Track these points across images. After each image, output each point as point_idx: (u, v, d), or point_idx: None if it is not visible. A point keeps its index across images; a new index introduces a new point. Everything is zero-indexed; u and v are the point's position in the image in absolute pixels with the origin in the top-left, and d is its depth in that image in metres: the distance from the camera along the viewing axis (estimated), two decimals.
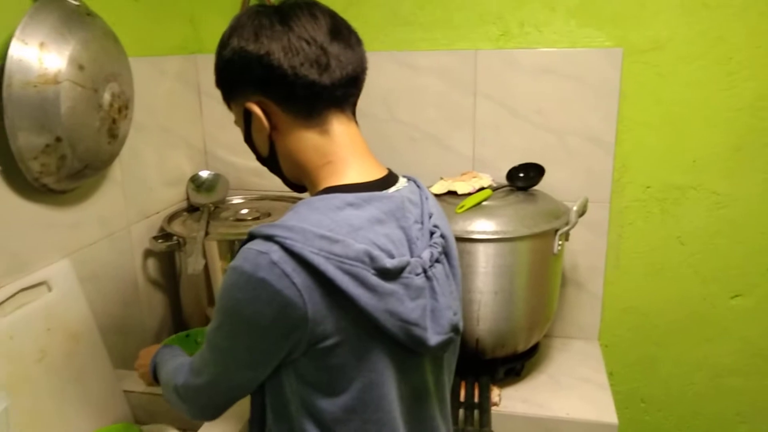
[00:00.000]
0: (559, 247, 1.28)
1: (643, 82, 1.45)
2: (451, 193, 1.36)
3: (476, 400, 1.32)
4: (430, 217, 0.83)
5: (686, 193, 1.50)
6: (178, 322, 1.60)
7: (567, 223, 1.27)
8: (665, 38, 1.42)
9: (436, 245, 0.80)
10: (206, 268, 1.41)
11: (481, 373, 1.37)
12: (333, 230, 0.70)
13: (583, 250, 1.58)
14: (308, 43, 0.74)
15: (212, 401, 0.82)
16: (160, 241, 1.43)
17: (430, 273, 0.77)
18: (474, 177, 1.39)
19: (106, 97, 1.14)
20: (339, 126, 0.79)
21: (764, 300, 1.52)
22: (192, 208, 1.62)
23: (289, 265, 0.67)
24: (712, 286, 1.55)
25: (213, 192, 1.65)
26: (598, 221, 1.54)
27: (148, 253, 1.49)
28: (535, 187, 1.43)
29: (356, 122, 0.83)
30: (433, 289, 0.77)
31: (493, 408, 1.33)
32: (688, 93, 1.43)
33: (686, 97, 1.44)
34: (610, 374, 1.66)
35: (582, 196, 1.36)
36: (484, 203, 1.30)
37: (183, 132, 1.64)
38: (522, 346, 1.36)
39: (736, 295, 1.54)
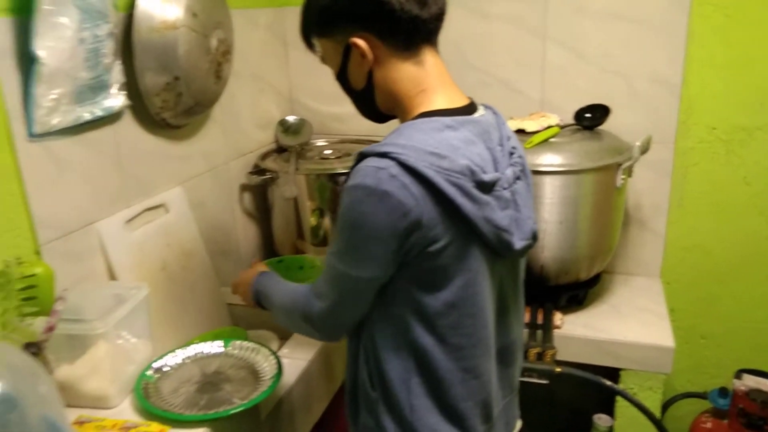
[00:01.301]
0: (622, 181, 1.37)
1: (711, 24, 1.49)
2: (521, 132, 1.46)
3: (540, 322, 1.43)
4: (508, 139, 0.93)
5: (753, 134, 1.54)
6: (269, 249, 1.78)
7: (630, 159, 1.35)
8: None
9: (516, 164, 0.91)
10: (295, 200, 1.58)
11: (545, 299, 1.49)
12: (438, 148, 0.80)
13: (647, 189, 1.64)
14: None
15: (344, 318, 0.91)
16: (254, 176, 1.60)
17: (513, 188, 0.89)
18: (542, 116, 1.48)
19: (214, 42, 1.30)
20: (431, 57, 0.89)
21: None
22: (280, 150, 1.78)
23: (406, 178, 0.78)
24: None
25: (299, 135, 1.80)
26: (663, 161, 1.61)
27: (243, 188, 1.67)
28: (601, 127, 1.51)
29: (439, 54, 0.93)
30: (515, 202, 0.88)
31: (555, 330, 1.44)
32: (756, 34, 1.46)
33: (754, 38, 1.47)
34: (671, 311, 1.73)
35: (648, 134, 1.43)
36: (552, 140, 1.40)
37: (271, 80, 1.80)
38: (584, 275, 1.47)
39: None
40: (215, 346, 1.15)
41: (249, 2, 1.64)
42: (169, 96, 1.23)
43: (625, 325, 1.46)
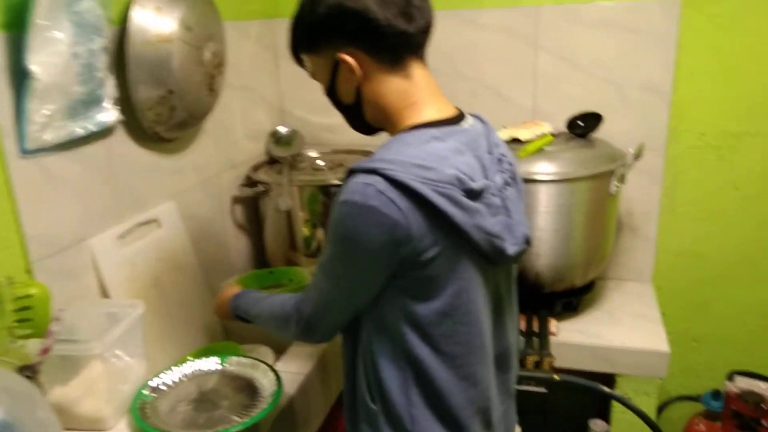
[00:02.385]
0: (616, 188, 1.37)
1: (701, 33, 1.50)
2: (515, 141, 1.46)
3: (536, 329, 1.44)
4: (497, 146, 0.94)
5: (742, 140, 1.56)
6: (261, 261, 1.77)
7: (624, 165, 1.36)
8: None
9: (505, 171, 0.92)
10: (288, 211, 1.57)
11: (540, 307, 1.49)
12: (425, 160, 0.81)
13: (639, 196, 1.66)
14: None
15: (333, 323, 0.93)
16: (246, 187, 1.59)
17: (504, 194, 0.89)
18: (535, 125, 1.49)
19: (207, 54, 1.29)
20: (419, 70, 0.90)
21: None
22: (271, 161, 1.77)
23: (393, 193, 0.78)
24: (766, 230, 1.61)
25: (290, 146, 1.79)
26: (654, 168, 1.62)
27: (235, 200, 1.66)
28: (594, 135, 1.52)
29: (427, 66, 0.94)
30: (507, 208, 0.89)
31: (551, 337, 1.45)
32: (745, 42, 1.48)
33: (744, 45, 1.48)
34: (663, 315, 1.74)
35: (639, 143, 1.44)
36: (546, 148, 1.40)
37: (263, 91, 1.79)
38: (579, 281, 1.47)
39: None
40: (212, 363, 1.13)
41: (240, 14, 1.63)
42: (162, 109, 1.22)
43: (620, 331, 1.47)
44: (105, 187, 1.19)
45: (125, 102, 1.18)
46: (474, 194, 0.83)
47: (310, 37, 0.91)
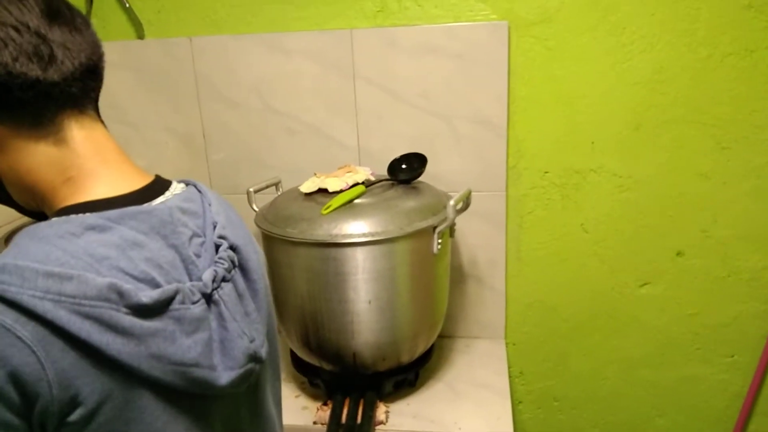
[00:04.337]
0: (440, 246, 1.15)
1: (533, 58, 1.32)
2: (323, 191, 1.21)
3: (359, 421, 1.18)
4: (215, 227, 0.68)
5: (587, 177, 1.39)
6: None
7: (445, 220, 1.13)
8: (553, 9, 1.29)
9: (222, 261, 0.66)
10: None
11: (367, 389, 1.24)
12: (65, 264, 0.54)
13: (482, 243, 1.45)
14: (18, 30, 0.57)
15: None
16: None
17: (214, 297, 0.63)
18: (349, 171, 1.24)
19: None
20: (80, 131, 0.63)
21: (673, 286, 1.43)
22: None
23: (9, 316, 0.51)
24: (619, 274, 1.45)
25: None
26: (495, 212, 1.42)
27: None
28: (421, 179, 1.30)
29: (102, 123, 0.67)
30: (220, 316, 0.64)
31: (379, 427, 1.20)
32: (580, 68, 1.31)
33: (579, 72, 1.32)
34: (520, 374, 1.56)
35: (469, 187, 1.23)
36: (357, 201, 1.16)
37: None
38: (407, 357, 1.23)
39: (645, 283, 1.44)
40: None
41: None
42: None
43: (461, 411, 1.24)
44: None
45: None
46: (148, 309, 0.56)
47: None
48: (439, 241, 1.14)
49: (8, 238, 1.30)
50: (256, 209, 1.27)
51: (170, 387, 0.59)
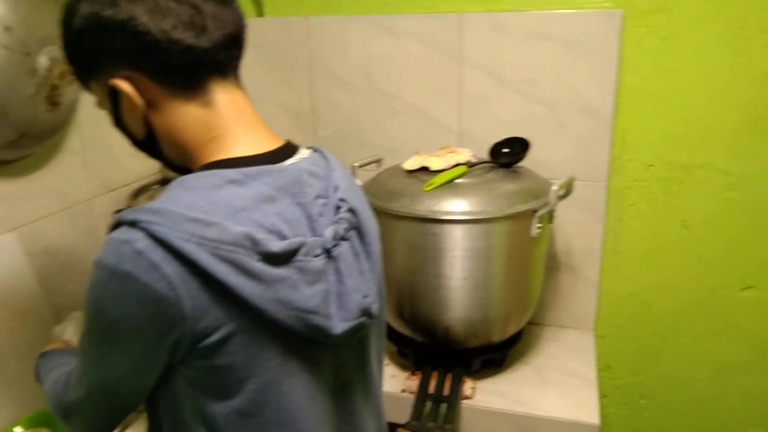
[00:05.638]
0: (539, 230, 1.16)
1: (646, 48, 1.30)
2: (424, 170, 1.25)
3: (446, 392, 1.22)
4: (336, 190, 0.73)
5: (693, 173, 1.35)
6: None
7: (546, 205, 1.15)
8: None
9: (341, 221, 0.71)
10: None
11: (455, 364, 1.27)
12: (208, 212, 0.61)
13: (578, 233, 1.45)
14: (177, 2, 0.64)
15: (97, 418, 0.72)
16: None
17: (334, 253, 0.69)
18: (451, 152, 1.27)
19: (42, 61, 1.06)
20: (224, 95, 0.69)
21: None
22: (165, 181, 1.55)
23: (157, 255, 0.58)
24: (720, 275, 1.40)
25: None
26: (595, 202, 1.41)
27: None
28: (522, 164, 1.31)
29: (242, 88, 0.73)
30: (338, 271, 0.69)
31: (465, 402, 1.23)
32: (696, 60, 1.28)
33: (694, 65, 1.28)
34: (607, 367, 1.55)
35: (569, 176, 1.23)
36: (458, 181, 1.19)
37: None
38: (497, 336, 1.26)
39: (748, 287, 1.39)
40: None
41: None
42: None
43: (547, 395, 1.26)
44: None
45: None
46: (276, 258, 0.62)
47: (72, 59, 0.71)
48: (539, 225, 1.16)
49: (136, 193, 1.43)
50: (360, 184, 1.33)
51: (289, 331, 0.65)
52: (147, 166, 1.55)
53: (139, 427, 1.13)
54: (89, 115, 1.30)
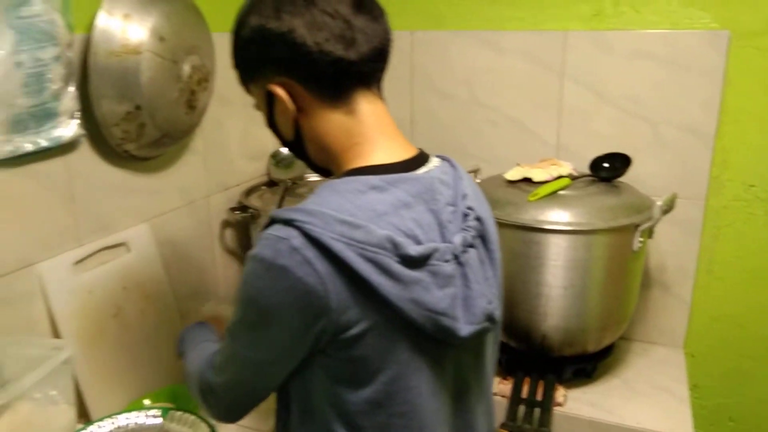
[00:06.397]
0: (640, 244, 1.19)
1: (753, 70, 1.31)
2: (527, 180, 1.30)
3: (539, 398, 1.26)
4: (464, 198, 0.78)
5: None
6: None
7: (650, 220, 1.17)
8: None
9: (469, 228, 0.76)
10: None
11: (548, 371, 1.31)
12: (354, 215, 0.67)
13: (673, 250, 1.46)
14: (332, 16, 0.71)
15: (237, 401, 0.79)
16: (236, 212, 1.48)
17: (462, 259, 0.73)
18: (553, 164, 1.32)
19: (186, 69, 1.18)
20: (366, 105, 0.76)
21: None
22: (271, 183, 1.66)
23: (310, 252, 0.65)
24: None
25: (291, 168, 1.67)
26: (692, 220, 1.42)
27: (225, 224, 1.55)
28: (621, 179, 1.34)
29: (383, 99, 0.79)
30: (465, 276, 0.73)
31: (557, 408, 1.26)
32: None
33: None
34: (695, 387, 1.54)
35: (671, 192, 1.25)
36: (561, 192, 1.23)
37: None
38: (592, 347, 1.28)
39: None
40: (151, 417, 1.01)
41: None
42: (130, 126, 1.11)
43: (638, 407, 1.27)
44: (61, 207, 1.09)
45: (89, 117, 1.08)
46: (413, 261, 0.68)
47: (238, 64, 0.80)
48: (641, 239, 1.18)
49: (247, 192, 1.53)
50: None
51: (419, 329, 0.70)
52: (255, 168, 1.65)
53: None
54: (211, 119, 1.41)
